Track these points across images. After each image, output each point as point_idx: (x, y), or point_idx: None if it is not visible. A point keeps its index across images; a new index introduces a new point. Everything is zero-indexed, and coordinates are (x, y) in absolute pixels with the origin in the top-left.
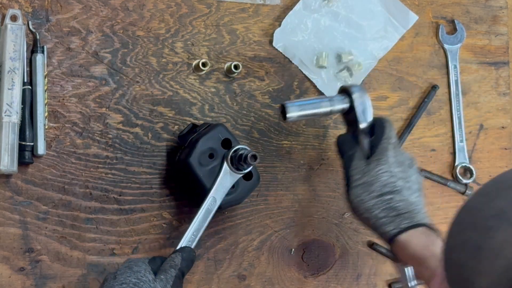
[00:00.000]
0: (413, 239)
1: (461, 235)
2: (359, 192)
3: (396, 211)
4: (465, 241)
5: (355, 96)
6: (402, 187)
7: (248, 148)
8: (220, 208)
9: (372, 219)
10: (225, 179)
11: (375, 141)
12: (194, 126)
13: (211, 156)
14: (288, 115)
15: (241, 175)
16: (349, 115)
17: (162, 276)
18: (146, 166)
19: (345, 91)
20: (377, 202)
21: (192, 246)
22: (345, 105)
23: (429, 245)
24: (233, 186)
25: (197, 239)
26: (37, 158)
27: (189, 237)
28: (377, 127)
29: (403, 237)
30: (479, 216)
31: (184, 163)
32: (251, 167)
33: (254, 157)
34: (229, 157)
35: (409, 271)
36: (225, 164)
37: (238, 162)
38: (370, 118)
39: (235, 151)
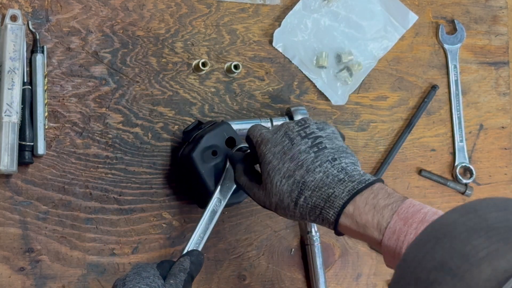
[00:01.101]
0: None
1: None
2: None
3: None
4: None
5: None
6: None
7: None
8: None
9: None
10: (229, 179)
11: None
12: (199, 123)
13: (214, 153)
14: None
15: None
16: None
17: (171, 281)
18: (146, 166)
19: (288, 114)
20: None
21: (199, 249)
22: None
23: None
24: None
25: (203, 241)
26: (37, 158)
27: (196, 240)
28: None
29: (354, 203)
30: (420, 269)
31: (187, 158)
32: None
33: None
34: (232, 156)
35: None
36: (228, 164)
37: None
38: None
39: (238, 149)
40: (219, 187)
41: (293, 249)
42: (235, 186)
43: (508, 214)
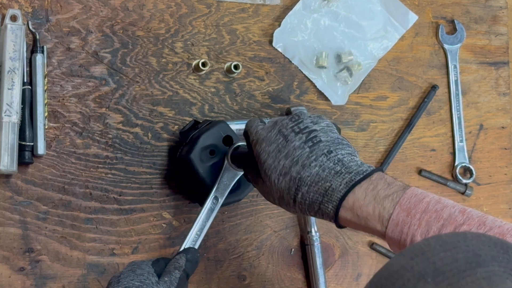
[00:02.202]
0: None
1: None
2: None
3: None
4: None
5: None
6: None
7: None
8: (222, 205)
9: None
10: (227, 177)
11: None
12: (196, 123)
13: (212, 152)
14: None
15: (243, 172)
16: None
17: (166, 278)
18: (146, 166)
19: (288, 114)
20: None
21: (196, 247)
22: None
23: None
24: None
25: (200, 239)
26: (37, 158)
27: (193, 237)
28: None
29: (353, 194)
30: None
31: (185, 159)
32: None
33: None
34: (229, 155)
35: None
36: (226, 162)
37: (238, 159)
38: None
39: (236, 148)
40: (216, 185)
41: (293, 249)
42: (232, 184)
43: (457, 253)
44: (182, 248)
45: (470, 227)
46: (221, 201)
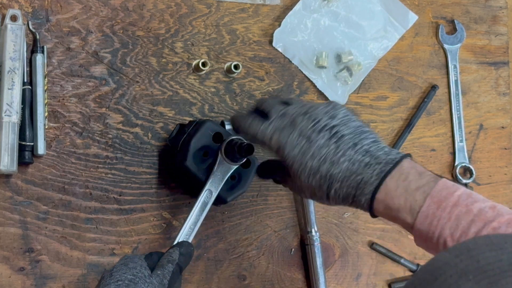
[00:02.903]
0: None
1: None
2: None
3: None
4: None
5: None
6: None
7: (242, 139)
8: (226, 202)
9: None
10: (221, 171)
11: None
12: (181, 127)
13: (205, 154)
14: (226, 128)
15: (237, 166)
16: None
17: (159, 272)
18: (146, 166)
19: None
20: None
21: (190, 240)
22: None
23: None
24: (234, 177)
25: (194, 233)
26: (37, 158)
27: (186, 231)
28: None
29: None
30: None
31: (181, 168)
32: (247, 157)
33: (250, 148)
34: (223, 149)
35: None
36: (219, 156)
37: (233, 153)
38: None
39: (228, 142)
40: (210, 179)
41: (293, 249)
42: (226, 177)
43: (502, 253)
44: (175, 242)
45: (499, 224)
46: (215, 194)
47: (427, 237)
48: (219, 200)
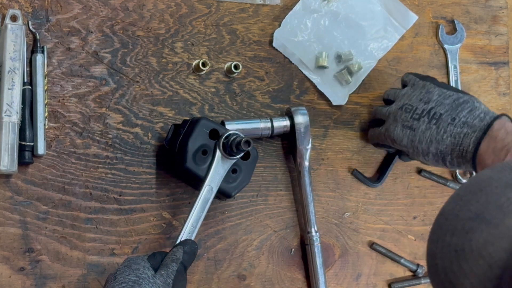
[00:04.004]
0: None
1: (441, 241)
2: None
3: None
4: (445, 246)
5: (297, 119)
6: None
7: (239, 133)
8: (231, 196)
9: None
10: (219, 167)
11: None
12: (176, 127)
13: (204, 152)
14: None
15: (235, 160)
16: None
17: (162, 272)
18: (146, 166)
19: (288, 114)
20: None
21: (192, 238)
22: (285, 124)
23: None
24: (235, 171)
25: (196, 230)
26: (37, 158)
27: (189, 229)
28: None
29: (495, 125)
30: (457, 221)
31: (182, 170)
32: (245, 151)
33: (247, 143)
34: (221, 144)
35: None
36: (218, 152)
37: (230, 148)
38: (308, 144)
39: (226, 137)
40: (209, 175)
41: (293, 249)
42: (225, 173)
43: None
44: (178, 241)
45: None
46: (215, 190)
47: None
48: (224, 195)
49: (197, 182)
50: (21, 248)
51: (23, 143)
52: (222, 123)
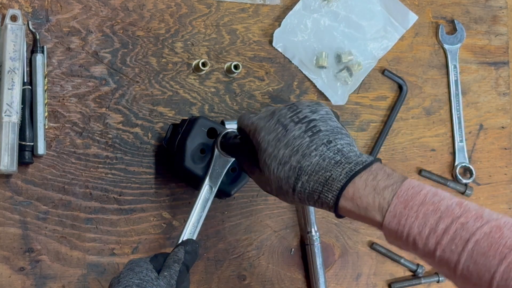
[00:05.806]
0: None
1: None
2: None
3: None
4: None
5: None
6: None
7: (236, 131)
8: (230, 195)
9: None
10: (218, 165)
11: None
12: (174, 127)
13: (202, 151)
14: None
15: (234, 159)
16: None
17: (165, 273)
18: (146, 166)
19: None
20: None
21: (194, 238)
22: None
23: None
24: (234, 169)
25: (197, 230)
26: (37, 158)
27: (190, 229)
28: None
29: (354, 183)
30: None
31: (181, 170)
32: None
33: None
34: (218, 143)
35: None
36: (216, 151)
37: (228, 146)
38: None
39: (223, 136)
40: (209, 175)
41: (293, 249)
42: (224, 171)
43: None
44: (180, 241)
45: (467, 219)
46: (215, 189)
47: (397, 235)
48: (223, 194)
49: (196, 182)
50: (21, 248)
51: (23, 143)
52: (222, 123)
